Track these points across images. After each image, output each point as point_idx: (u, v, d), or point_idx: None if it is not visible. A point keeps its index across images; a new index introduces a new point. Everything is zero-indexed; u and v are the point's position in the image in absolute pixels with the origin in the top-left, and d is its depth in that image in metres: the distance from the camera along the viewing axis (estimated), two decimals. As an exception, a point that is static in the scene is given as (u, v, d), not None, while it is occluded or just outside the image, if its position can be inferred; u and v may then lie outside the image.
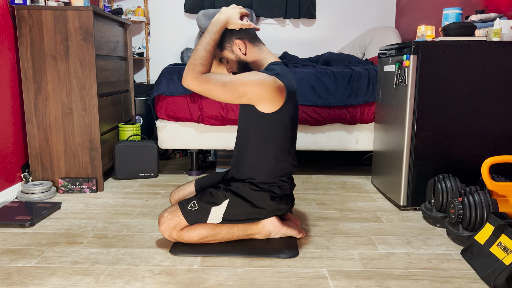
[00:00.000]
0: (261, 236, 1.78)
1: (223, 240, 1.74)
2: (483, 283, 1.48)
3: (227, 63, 1.75)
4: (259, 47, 1.72)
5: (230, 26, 1.65)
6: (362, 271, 1.57)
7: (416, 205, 2.23)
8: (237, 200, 1.70)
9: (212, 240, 1.73)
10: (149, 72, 4.03)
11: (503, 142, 2.15)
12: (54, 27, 2.37)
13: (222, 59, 1.75)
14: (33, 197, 2.34)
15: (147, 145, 2.81)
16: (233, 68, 1.75)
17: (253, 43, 1.71)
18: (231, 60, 1.72)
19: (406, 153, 2.19)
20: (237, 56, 1.70)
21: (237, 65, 1.72)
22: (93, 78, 2.43)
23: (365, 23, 4.02)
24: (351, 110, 2.75)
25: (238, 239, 1.76)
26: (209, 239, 1.72)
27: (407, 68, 2.13)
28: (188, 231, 1.70)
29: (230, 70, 1.77)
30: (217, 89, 1.52)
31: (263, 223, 1.76)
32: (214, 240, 1.73)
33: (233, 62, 1.72)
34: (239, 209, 1.71)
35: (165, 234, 1.70)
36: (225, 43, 1.69)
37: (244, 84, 1.54)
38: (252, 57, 1.71)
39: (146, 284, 1.46)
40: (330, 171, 3.10)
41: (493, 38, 2.07)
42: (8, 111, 2.37)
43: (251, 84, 1.54)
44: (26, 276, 1.51)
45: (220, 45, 1.70)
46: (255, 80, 1.55)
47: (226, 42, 1.69)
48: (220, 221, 1.71)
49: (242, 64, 1.72)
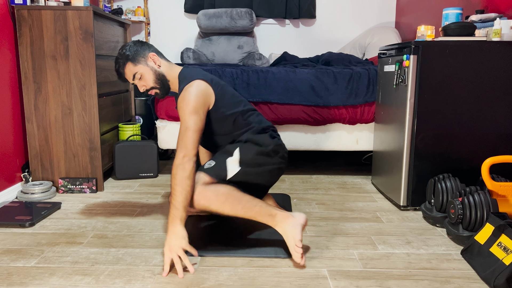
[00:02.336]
0: (276, 228, 1.68)
1: (244, 210, 1.63)
2: (483, 283, 1.48)
3: (139, 79, 1.76)
4: (166, 60, 1.82)
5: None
6: (362, 271, 1.57)
7: (416, 205, 2.23)
8: (246, 145, 1.77)
9: (235, 205, 1.62)
10: (149, 72, 4.02)
11: (503, 142, 2.15)
12: (54, 27, 2.37)
13: (134, 75, 1.75)
14: (33, 197, 2.34)
15: (147, 145, 2.81)
16: (144, 85, 1.77)
17: (162, 57, 1.81)
18: (144, 75, 1.75)
19: (406, 153, 2.19)
20: (152, 68, 1.76)
21: (149, 79, 1.76)
22: (93, 78, 2.43)
23: (365, 23, 4.02)
24: (351, 110, 2.75)
25: (254, 219, 1.66)
26: (232, 203, 1.62)
27: (407, 68, 2.13)
28: (212, 186, 1.64)
29: (143, 88, 1.77)
30: (186, 138, 1.62)
31: (286, 222, 1.65)
32: (237, 205, 1.63)
33: (146, 77, 1.75)
34: (250, 151, 1.75)
35: (199, 204, 1.63)
36: (139, 57, 1.74)
37: (189, 114, 1.63)
38: (165, 68, 1.78)
39: (146, 284, 1.46)
40: (330, 171, 3.10)
41: (493, 38, 2.07)
42: (8, 111, 2.37)
43: (191, 110, 1.64)
44: (26, 276, 1.51)
45: (133, 59, 1.74)
46: (190, 105, 1.64)
47: (139, 56, 1.74)
48: (239, 169, 1.72)
49: (159, 76, 1.77)
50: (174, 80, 1.81)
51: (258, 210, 1.64)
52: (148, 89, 1.78)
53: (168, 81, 1.80)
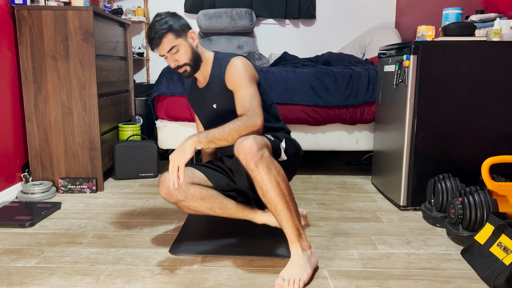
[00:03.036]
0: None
1: (286, 190, 1.52)
2: (483, 283, 1.48)
3: (175, 53, 1.65)
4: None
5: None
6: (362, 271, 1.57)
7: (416, 205, 2.23)
8: (288, 140, 1.77)
9: (283, 186, 1.51)
10: (149, 72, 4.03)
11: (503, 142, 2.15)
12: (54, 27, 2.37)
13: (172, 48, 1.63)
14: (33, 197, 2.34)
15: (147, 145, 2.81)
16: (181, 58, 1.65)
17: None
18: (183, 49, 1.65)
19: (406, 153, 2.19)
20: (191, 46, 1.67)
21: (187, 54, 1.66)
22: (93, 78, 2.43)
23: (365, 23, 4.02)
24: (351, 110, 2.75)
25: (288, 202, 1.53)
26: (282, 182, 1.50)
27: (407, 68, 2.13)
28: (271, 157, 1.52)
29: (175, 63, 1.66)
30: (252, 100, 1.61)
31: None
32: (284, 186, 1.51)
33: (185, 51, 1.65)
34: (291, 147, 1.76)
35: (253, 149, 1.46)
36: (181, 31, 1.65)
37: (250, 80, 1.64)
38: (200, 49, 1.73)
39: (146, 284, 1.46)
40: (330, 171, 3.10)
41: (493, 38, 2.07)
42: (8, 111, 2.37)
43: (251, 77, 1.65)
44: (26, 276, 1.51)
45: (175, 31, 1.63)
46: (247, 72, 1.65)
47: (182, 30, 1.65)
48: (286, 159, 1.70)
49: (195, 55, 1.69)
50: (207, 61, 1.74)
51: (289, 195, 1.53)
52: (180, 65, 1.67)
53: (201, 62, 1.72)
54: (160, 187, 1.67)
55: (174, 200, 1.67)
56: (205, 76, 1.75)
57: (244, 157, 1.46)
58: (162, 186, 1.66)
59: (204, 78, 1.76)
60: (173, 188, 1.64)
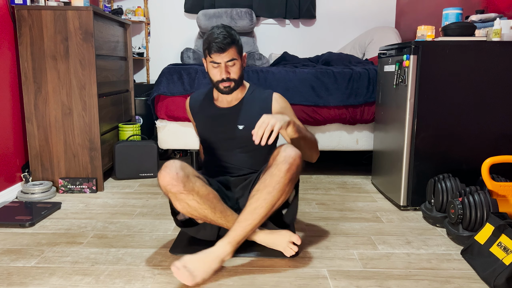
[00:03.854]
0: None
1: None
2: (483, 283, 1.48)
3: (231, 66, 1.70)
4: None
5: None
6: (362, 271, 1.57)
7: (416, 205, 2.23)
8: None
9: (277, 204, 1.57)
10: (149, 72, 4.03)
11: (503, 142, 2.15)
12: (54, 27, 2.37)
13: (233, 60, 1.69)
14: (33, 197, 2.33)
15: (147, 145, 2.81)
16: (234, 72, 1.71)
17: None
18: (239, 65, 1.73)
19: (406, 153, 2.18)
20: (242, 66, 1.76)
21: (240, 72, 1.75)
22: (93, 78, 2.43)
23: (365, 23, 4.02)
24: (351, 110, 2.75)
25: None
26: (279, 201, 1.57)
27: (407, 68, 2.13)
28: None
29: (227, 75, 1.69)
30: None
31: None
32: (277, 204, 1.58)
33: (239, 68, 1.73)
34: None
35: (297, 161, 1.54)
36: (241, 50, 1.75)
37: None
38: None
39: (146, 284, 1.46)
40: (330, 171, 3.10)
41: (493, 38, 2.07)
42: (8, 111, 2.37)
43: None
44: (26, 276, 1.51)
45: (240, 48, 1.73)
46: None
47: (242, 49, 1.75)
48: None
49: (242, 74, 1.77)
50: (245, 85, 1.85)
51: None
52: (229, 78, 1.70)
53: (242, 84, 1.81)
54: (166, 172, 1.49)
55: (177, 190, 1.49)
56: (234, 98, 1.81)
57: (286, 157, 1.51)
58: (168, 171, 1.49)
59: (231, 99, 1.81)
60: (182, 176, 1.48)
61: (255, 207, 1.53)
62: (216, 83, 1.71)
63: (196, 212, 1.57)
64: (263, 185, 1.54)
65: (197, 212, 1.57)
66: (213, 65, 1.69)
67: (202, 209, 1.55)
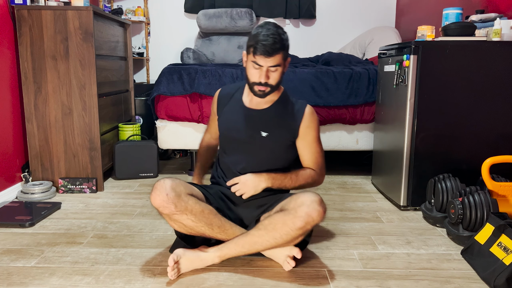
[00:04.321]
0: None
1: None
2: (483, 283, 1.48)
3: (273, 71, 1.56)
4: None
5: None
6: (362, 271, 1.57)
7: (416, 205, 2.23)
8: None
9: (280, 242, 1.59)
10: (149, 72, 4.03)
11: (503, 142, 2.15)
12: (54, 27, 2.37)
13: (277, 66, 1.54)
14: (33, 197, 2.33)
15: (147, 145, 2.81)
16: (274, 78, 1.57)
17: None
18: (280, 71, 1.58)
19: (406, 153, 2.18)
20: (283, 72, 1.61)
21: (279, 78, 1.59)
22: (93, 78, 2.43)
23: (365, 23, 4.02)
24: (351, 110, 2.75)
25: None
26: (280, 240, 1.58)
27: (407, 68, 2.13)
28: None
29: (265, 79, 1.55)
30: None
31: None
32: (279, 243, 1.60)
33: (280, 74, 1.58)
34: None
35: (315, 220, 1.50)
36: (288, 56, 1.60)
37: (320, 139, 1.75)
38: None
39: (146, 284, 1.46)
40: (330, 171, 3.10)
41: (493, 38, 2.07)
42: (8, 111, 2.37)
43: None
44: (26, 276, 1.51)
45: (286, 56, 1.59)
46: (319, 129, 1.75)
47: (288, 54, 1.61)
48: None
49: (280, 81, 1.62)
50: (279, 91, 1.70)
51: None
52: (268, 84, 1.56)
53: (277, 89, 1.66)
54: (156, 194, 1.47)
55: (169, 211, 1.48)
56: (266, 101, 1.66)
57: (306, 215, 1.46)
58: (158, 193, 1.47)
59: (262, 102, 1.66)
60: (172, 197, 1.46)
61: (255, 242, 1.53)
62: (252, 84, 1.57)
63: (193, 230, 1.55)
64: (271, 226, 1.49)
65: (195, 230, 1.55)
66: (255, 65, 1.54)
67: (199, 227, 1.53)
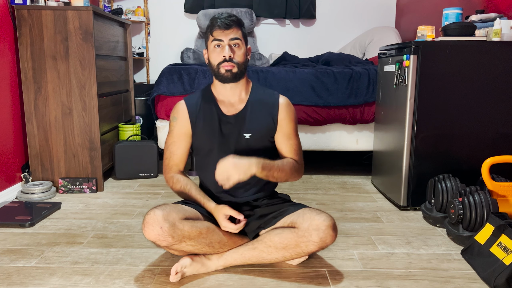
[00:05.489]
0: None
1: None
2: (483, 283, 1.48)
3: (237, 47, 1.53)
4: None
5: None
6: (362, 271, 1.57)
7: (416, 205, 2.23)
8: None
9: (285, 257, 1.59)
10: (149, 72, 4.03)
11: (503, 142, 2.15)
12: (54, 27, 2.37)
13: (237, 39, 1.52)
14: (33, 197, 2.33)
15: (147, 145, 2.81)
16: (238, 55, 1.53)
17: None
18: (244, 50, 1.56)
19: (406, 153, 2.18)
20: (246, 53, 1.59)
21: (244, 58, 1.56)
22: (93, 78, 2.43)
23: (365, 23, 4.02)
24: (351, 110, 2.75)
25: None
26: (281, 252, 1.57)
27: (407, 68, 2.13)
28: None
29: (230, 55, 1.51)
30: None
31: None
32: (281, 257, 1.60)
33: (243, 53, 1.56)
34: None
35: (327, 244, 1.47)
36: (246, 38, 1.59)
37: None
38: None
39: (146, 284, 1.46)
40: (330, 171, 3.10)
41: (493, 38, 2.07)
42: (8, 111, 2.37)
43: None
44: (26, 276, 1.51)
45: (245, 36, 1.57)
46: (297, 120, 1.70)
47: (246, 38, 1.59)
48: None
49: (246, 64, 1.58)
50: (247, 84, 1.64)
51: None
52: (232, 60, 1.51)
53: (244, 76, 1.60)
54: (150, 230, 1.38)
55: (167, 243, 1.41)
56: (238, 99, 1.61)
57: (319, 240, 1.43)
58: (152, 228, 1.38)
59: (236, 103, 1.61)
60: (167, 228, 1.38)
61: (263, 257, 1.52)
62: (217, 66, 1.52)
63: (194, 251, 1.52)
64: (282, 246, 1.47)
65: (196, 250, 1.52)
66: (215, 44, 1.51)
67: (200, 249, 1.51)
